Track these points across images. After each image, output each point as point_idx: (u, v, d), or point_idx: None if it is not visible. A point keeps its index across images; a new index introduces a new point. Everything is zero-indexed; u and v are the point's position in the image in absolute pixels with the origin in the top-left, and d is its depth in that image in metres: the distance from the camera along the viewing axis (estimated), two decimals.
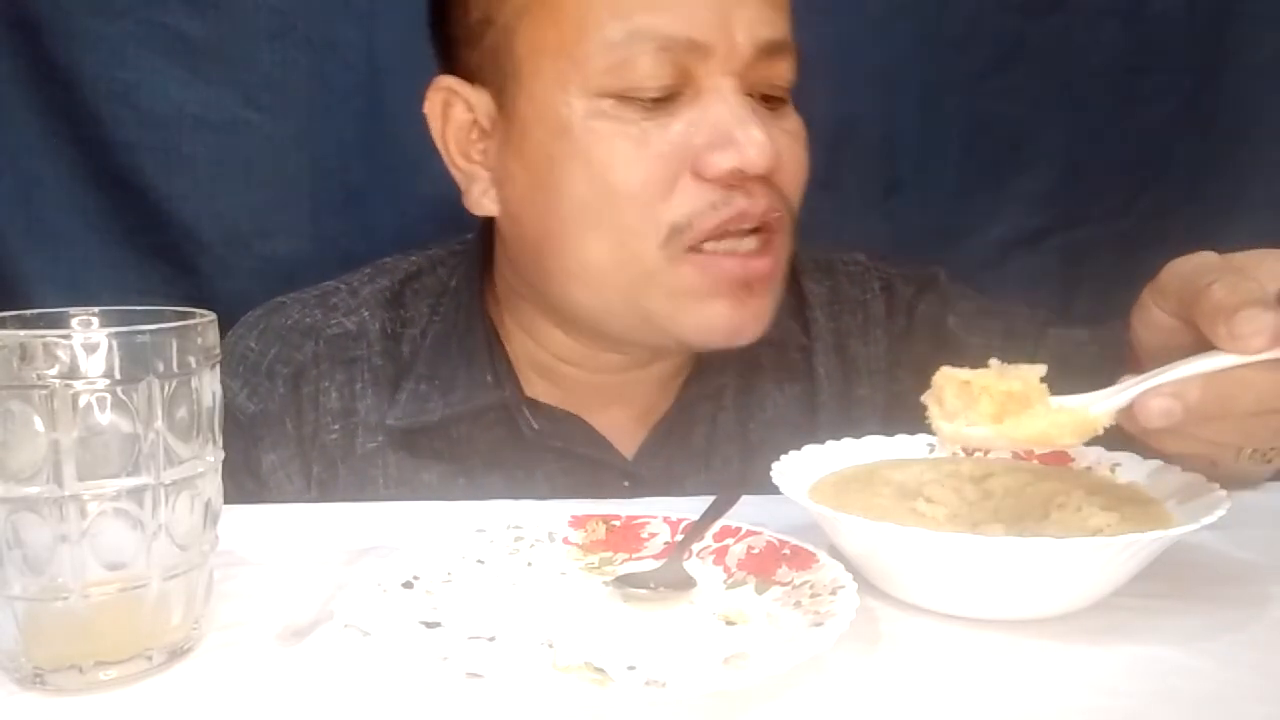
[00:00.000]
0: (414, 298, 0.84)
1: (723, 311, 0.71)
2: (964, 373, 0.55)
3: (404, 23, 1.09)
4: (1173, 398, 0.50)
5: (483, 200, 0.76)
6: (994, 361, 0.55)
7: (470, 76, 0.74)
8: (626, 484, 0.80)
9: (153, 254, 1.12)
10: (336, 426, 0.80)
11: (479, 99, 0.74)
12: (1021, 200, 1.19)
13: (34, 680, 0.46)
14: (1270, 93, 1.16)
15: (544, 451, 0.80)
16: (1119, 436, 0.56)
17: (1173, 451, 0.55)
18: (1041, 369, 0.54)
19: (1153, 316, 0.56)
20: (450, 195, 1.12)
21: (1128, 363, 0.58)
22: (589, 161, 0.69)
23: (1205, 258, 0.54)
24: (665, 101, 0.69)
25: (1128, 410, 0.52)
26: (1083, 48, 1.16)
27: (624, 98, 0.68)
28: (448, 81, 0.75)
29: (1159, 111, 1.18)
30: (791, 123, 0.74)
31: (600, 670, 0.46)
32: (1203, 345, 0.51)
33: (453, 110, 0.75)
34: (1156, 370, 0.52)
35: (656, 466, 0.81)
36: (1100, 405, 0.53)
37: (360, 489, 0.79)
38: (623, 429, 0.82)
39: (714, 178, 0.68)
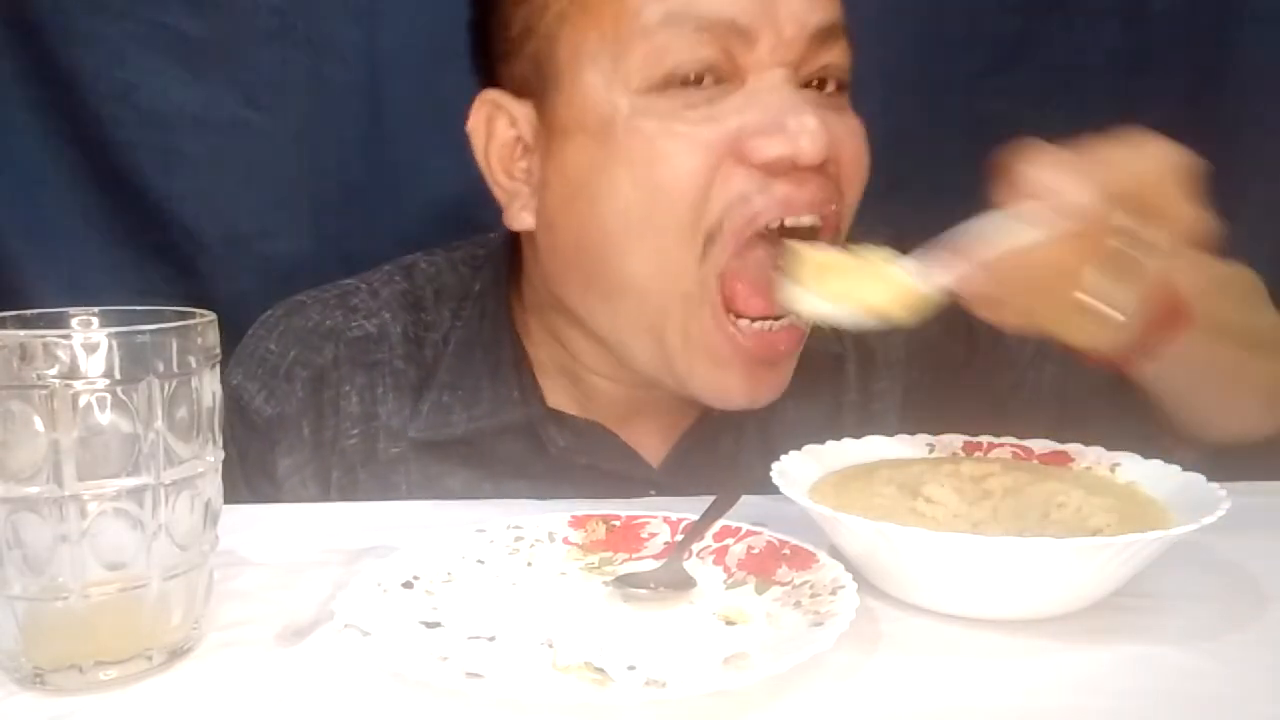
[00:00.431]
0: (436, 300, 0.83)
1: (738, 383, 0.70)
2: (816, 252, 0.61)
3: (404, 23, 1.10)
4: (983, 272, 0.55)
5: (522, 214, 0.74)
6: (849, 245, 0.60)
7: (515, 90, 0.73)
8: (653, 492, 0.78)
9: (153, 254, 1.12)
10: (356, 431, 0.79)
11: (522, 111, 0.72)
12: None
13: (34, 680, 0.46)
14: (1270, 93, 1.16)
15: (572, 456, 0.79)
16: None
17: (1007, 323, 0.58)
18: (888, 254, 0.58)
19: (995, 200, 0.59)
20: (450, 195, 1.12)
21: None
22: (632, 161, 0.66)
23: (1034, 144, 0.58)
24: (712, 94, 0.66)
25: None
26: (1083, 48, 1.16)
27: (667, 86, 0.66)
28: (492, 95, 0.73)
29: (1159, 111, 1.18)
30: (852, 119, 0.72)
31: (600, 670, 0.46)
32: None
33: (496, 125, 0.73)
34: (963, 230, 0.57)
35: (683, 475, 0.80)
36: (925, 279, 0.58)
37: (383, 494, 0.78)
38: (649, 438, 0.81)
39: (760, 164, 0.65)
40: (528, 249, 0.79)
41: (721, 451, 0.81)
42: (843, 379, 0.84)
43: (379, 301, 0.83)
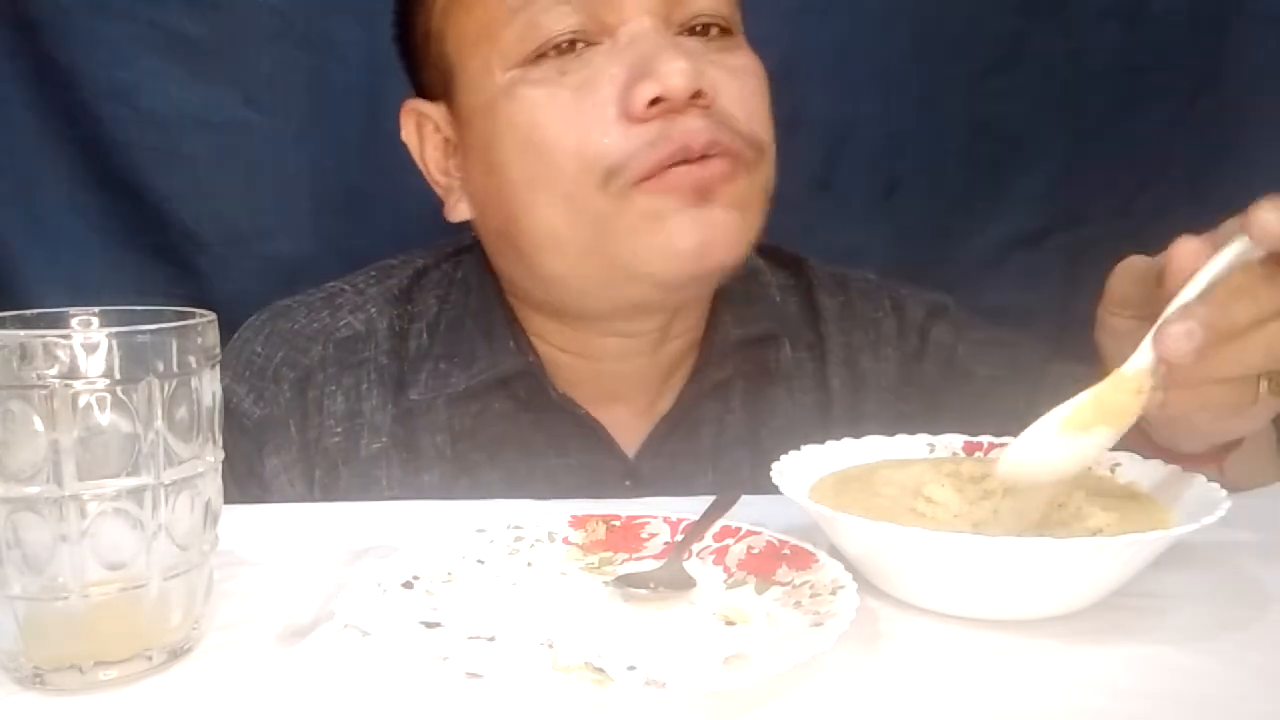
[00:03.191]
0: (421, 292, 0.85)
1: (683, 230, 0.68)
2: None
3: None
4: (1186, 318, 0.49)
5: (458, 206, 0.78)
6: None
7: (431, 95, 0.77)
8: (628, 483, 0.80)
9: (153, 254, 1.12)
10: (339, 429, 0.80)
11: (438, 112, 0.76)
12: (1021, 200, 1.20)
13: (34, 680, 0.46)
14: (1270, 93, 1.16)
15: (547, 447, 0.80)
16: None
17: (1203, 405, 0.54)
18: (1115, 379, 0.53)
19: (1115, 325, 0.59)
20: None
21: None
22: (516, 127, 0.70)
23: (1145, 260, 0.57)
24: (579, 53, 0.69)
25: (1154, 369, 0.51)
26: (1083, 48, 1.16)
27: (540, 57, 0.69)
28: (413, 104, 0.78)
29: (1159, 111, 1.18)
30: (739, 58, 0.73)
31: (600, 670, 0.46)
32: None
33: (425, 130, 0.78)
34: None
35: (659, 466, 0.81)
36: (1129, 367, 0.52)
37: (363, 491, 0.79)
38: (625, 426, 0.81)
39: (639, 112, 0.66)
40: (478, 231, 0.82)
41: (702, 443, 0.82)
42: (827, 388, 0.85)
43: (364, 298, 0.84)
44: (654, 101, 0.66)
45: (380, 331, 0.82)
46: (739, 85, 0.71)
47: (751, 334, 0.82)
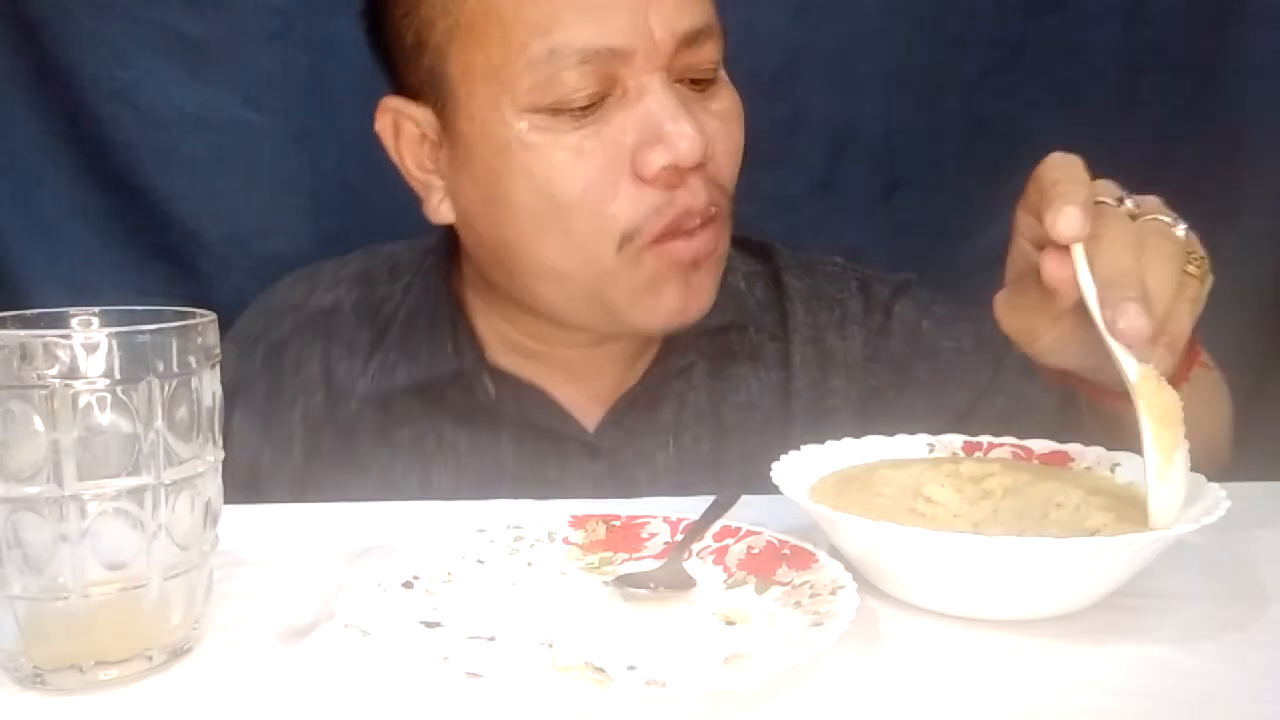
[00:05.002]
0: (390, 277, 0.88)
1: (673, 295, 0.74)
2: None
3: None
4: (1117, 304, 0.53)
5: (441, 208, 0.79)
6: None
7: (414, 95, 0.77)
8: (589, 457, 0.82)
9: (153, 254, 1.12)
10: (318, 394, 0.85)
11: (424, 115, 0.76)
12: None
13: (34, 680, 0.46)
14: (1270, 93, 1.16)
15: (505, 418, 0.82)
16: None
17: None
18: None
19: (1020, 302, 0.64)
20: None
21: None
22: (531, 175, 0.71)
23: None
24: (595, 107, 0.71)
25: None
26: (1083, 48, 1.16)
27: (555, 111, 0.70)
28: (394, 102, 0.78)
29: (1159, 111, 1.18)
30: (723, 101, 0.76)
31: (600, 670, 0.46)
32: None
33: (402, 126, 0.78)
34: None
35: (618, 439, 0.82)
36: (1133, 374, 0.54)
37: (345, 453, 0.83)
38: (587, 402, 0.83)
39: (652, 177, 0.70)
40: (461, 238, 0.83)
41: (661, 421, 0.84)
42: (789, 364, 0.86)
43: (338, 278, 0.89)
44: (664, 165, 0.70)
45: (346, 307, 0.87)
46: (727, 135, 0.75)
47: (715, 323, 0.83)
